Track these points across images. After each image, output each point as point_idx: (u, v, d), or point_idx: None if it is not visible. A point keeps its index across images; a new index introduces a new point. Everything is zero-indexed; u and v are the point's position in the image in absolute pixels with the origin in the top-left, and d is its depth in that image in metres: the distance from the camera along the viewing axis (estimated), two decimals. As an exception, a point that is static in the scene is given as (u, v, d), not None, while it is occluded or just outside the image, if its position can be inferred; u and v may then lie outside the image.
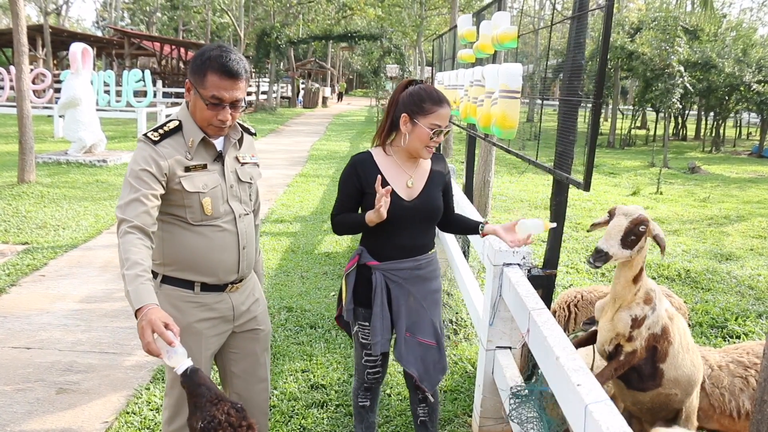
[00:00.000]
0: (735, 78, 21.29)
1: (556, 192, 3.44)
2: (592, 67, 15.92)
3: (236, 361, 2.66)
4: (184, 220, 2.37)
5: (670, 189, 13.34)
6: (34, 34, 27.87)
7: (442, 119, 2.68)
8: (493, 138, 5.36)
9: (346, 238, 7.86)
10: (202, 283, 2.43)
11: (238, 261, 2.48)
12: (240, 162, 2.51)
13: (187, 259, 2.39)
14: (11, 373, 4.16)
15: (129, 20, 55.85)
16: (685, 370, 2.73)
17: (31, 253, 6.64)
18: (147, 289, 2.03)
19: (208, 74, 2.25)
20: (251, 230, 2.58)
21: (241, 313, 2.58)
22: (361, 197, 2.79)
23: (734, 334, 5.26)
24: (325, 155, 16.49)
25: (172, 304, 2.40)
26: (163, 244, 2.38)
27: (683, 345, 2.75)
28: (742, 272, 7.00)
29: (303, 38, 32.78)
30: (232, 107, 2.31)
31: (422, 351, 2.86)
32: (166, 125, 2.36)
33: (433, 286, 2.92)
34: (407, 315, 2.83)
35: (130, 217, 2.15)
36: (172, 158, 2.29)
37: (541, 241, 7.74)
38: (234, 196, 2.46)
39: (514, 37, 4.56)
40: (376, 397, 3.15)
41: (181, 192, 2.31)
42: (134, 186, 2.21)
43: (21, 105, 10.31)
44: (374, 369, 2.97)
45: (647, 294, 2.67)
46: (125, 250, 2.09)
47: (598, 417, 1.83)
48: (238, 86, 2.29)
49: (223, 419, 1.77)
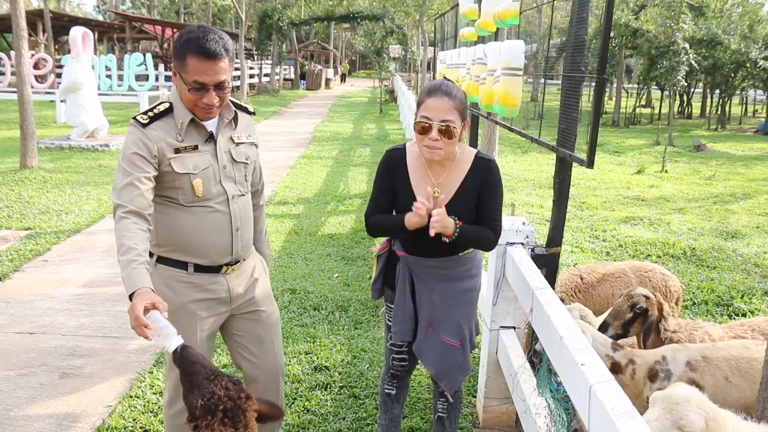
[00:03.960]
0: (741, 55, 21.07)
1: (560, 170, 3.39)
2: (595, 45, 15.78)
3: (242, 344, 2.64)
4: (176, 202, 2.36)
5: (675, 167, 13.25)
6: (35, 19, 27.72)
7: (430, 110, 2.44)
8: (495, 117, 5.30)
9: (351, 220, 7.84)
10: (196, 264, 2.42)
11: (232, 243, 2.45)
12: (234, 142, 2.47)
13: (180, 240, 2.38)
14: (15, 358, 4.16)
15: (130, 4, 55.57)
16: (736, 398, 2.68)
17: (34, 239, 6.64)
18: (139, 273, 2.06)
19: (188, 58, 2.21)
20: (247, 212, 2.54)
21: (238, 294, 2.55)
22: (394, 193, 2.65)
23: (740, 312, 5.22)
24: (329, 137, 16.42)
25: (166, 285, 2.40)
26: (157, 225, 2.37)
27: (723, 381, 2.71)
28: (747, 250, 6.95)
29: (305, 19, 32.51)
30: (217, 89, 2.27)
31: (444, 350, 2.71)
32: (156, 108, 2.35)
33: (464, 286, 2.72)
34: (429, 311, 2.70)
35: (125, 202, 2.16)
36: (161, 140, 2.29)
37: (545, 220, 7.70)
38: (227, 176, 2.43)
39: (516, 13, 4.49)
40: (404, 389, 3.02)
41: (171, 173, 2.30)
42: (127, 170, 2.22)
43: (21, 90, 10.26)
44: (400, 355, 2.88)
45: (650, 371, 2.73)
46: (120, 236, 2.12)
47: (602, 397, 1.81)
48: (219, 68, 2.23)
49: (222, 394, 1.77)
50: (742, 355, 2.75)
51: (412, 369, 2.99)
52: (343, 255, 6.46)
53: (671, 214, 8.76)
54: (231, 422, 1.75)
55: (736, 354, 2.75)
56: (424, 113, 2.45)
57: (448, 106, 2.44)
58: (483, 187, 2.58)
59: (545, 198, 9.37)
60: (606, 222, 8.12)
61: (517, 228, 3.24)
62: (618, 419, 1.69)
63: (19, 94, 10.31)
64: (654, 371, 2.75)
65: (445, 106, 2.44)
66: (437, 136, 2.44)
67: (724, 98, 24.94)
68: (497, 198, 2.61)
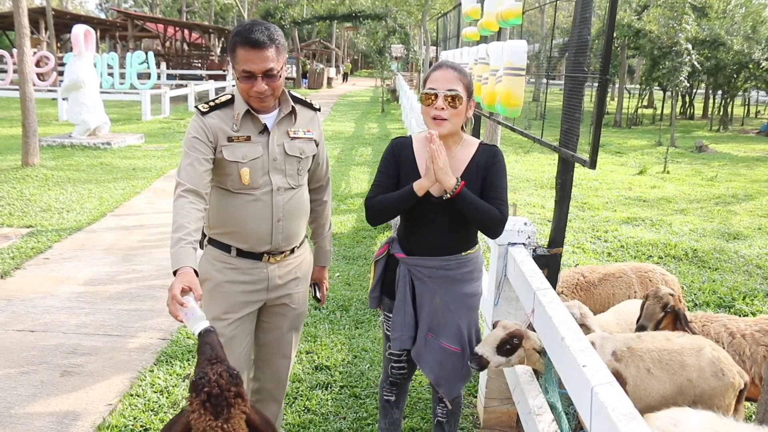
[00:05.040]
0: (744, 56, 21.06)
1: (562, 170, 3.38)
2: (598, 45, 15.75)
3: (263, 331, 2.74)
4: (226, 187, 2.49)
5: (677, 168, 13.24)
6: (37, 17, 27.74)
7: (435, 81, 2.50)
8: (497, 116, 5.30)
9: (352, 219, 7.83)
10: (238, 249, 2.53)
11: (271, 232, 2.52)
12: (290, 136, 2.55)
13: (225, 223, 2.52)
14: (15, 356, 4.16)
15: (132, 2, 55.61)
16: (657, 390, 2.69)
17: (35, 236, 6.64)
18: (186, 252, 2.16)
19: (237, 49, 2.34)
20: (294, 205, 2.58)
21: (276, 286, 2.62)
22: (398, 179, 2.64)
23: (742, 314, 5.21)
24: (330, 136, 16.41)
25: (211, 263, 2.56)
26: (210, 207, 2.50)
27: (645, 372, 2.71)
28: (749, 251, 6.94)
29: (307, 18, 32.55)
30: (266, 78, 2.36)
31: (443, 355, 2.66)
32: (218, 98, 2.49)
33: (467, 290, 2.69)
34: (430, 315, 2.66)
35: (183, 180, 2.32)
36: (217, 128, 2.43)
37: (547, 221, 7.70)
38: (276, 168, 2.51)
39: (519, 13, 4.48)
40: (403, 394, 3.01)
41: (223, 160, 2.44)
42: (187, 152, 2.38)
43: (23, 88, 10.27)
44: (399, 364, 2.86)
45: None
46: (175, 213, 2.26)
47: (604, 398, 1.80)
48: (265, 56, 2.33)
49: (213, 378, 1.79)
50: (664, 347, 2.75)
51: (411, 375, 2.97)
52: (344, 254, 6.46)
53: (673, 215, 8.75)
54: (212, 408, 1.76)
55: (658, 346, 2.76)
56: (430, 85, 2.52)
57: (453, 77, 2.51)
58: (488, 170, 2.59)
59: (547, 198, 9.36)
60: (607, 222, 8.11)
61: (519, 228, 3.24)
62: (620, 421, 1.69)
63: (21, 91, 10.32)
64: None
65: (450, 77, 2.51)
66: (443, 105, 2.49)
67: (726, 99, 24.92)
68: (502, 180, 2.61)
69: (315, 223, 2.90)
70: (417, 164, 2.62)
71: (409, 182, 2.55)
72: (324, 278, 3.00)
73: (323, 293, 3.01)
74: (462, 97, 2.49)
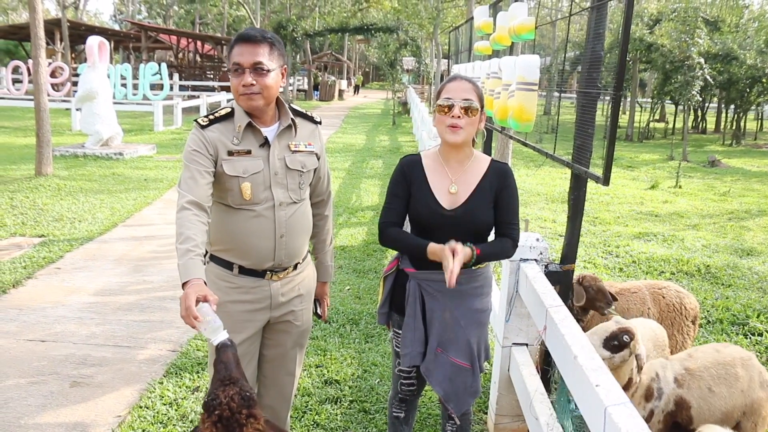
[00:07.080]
0: (757, 70, 20.97)
1: (575, 186, 3.36)
2: (610, 59, 15.73)
3: (267, 348, 2.70)
4: (226, 203, 2.46)
5: (689, 183, 13.16)
6: (53, 28, 28.05)
7: (451, 91, 2.53)
8: (509, 131, 5.29)
9: (363, 232, 7.82)
10: (240, 266, 2.49)
11: (274, 248, 2.49)
12: (291, 149, 2.52)
13: (227, 240, 2.48)
14: (26, 366, 4.17)
15: (146, 14, 56.12)
16: (719, 408, 2.65)
17: (47, 246, 6.67)
18: (195, 264, 2.13)
19: (233, 48, 2.37)
20: (297, 220, 2.55)
21: (279, 303, 2.58)
22: (409, 199, 2.64)
23: (756, 332, 5.15)
24: (341, 148, 16.45)
25: (213, 282, 2.49)
26: (211, 223, 2.46)
27: (707, 392, 2.68)
28: (763, 268, 6.87)
29: (319, 31, 32.65)
30: (255, 72, 2.34)
31: (453, 371, 2.64)
32: (218, 111, 2.47)
33: (477, 305, 2.67)
34: (440, 330, 2.64)
35: (186, 192, 2.30)
36: (217, 141, 2.40)
37: (558, 235, 7.66)
38: (278, 183, 2.48)
39: (532, 28, 4.48)
40: (413, 410, 2.99)
41: (223, 175, 2.40)
42: (188, 165, 2.36)
43: (38, 98, 10.37)
44: (408, 380, 2.83)
45: (647, 390, 2.69)
46: (180, 225, 2.24)
47: (617, 419, 1.78)
48: (256, 50, 2.34)
49: (224, 401, 1.78)
50: (717, 360, 2.72)
51: (420, 392, 2.95)
52: (355, 267, 6.45)
53: (685, 231, 8.69)
54: (224, 429, 1.76)
55: (711, 360, 2.73)
56: (446, 95, 2.54)
57: (468, 88, 2.54)
58: (500, 191, 2.61)
59: (558, 212, 9.32)
60: (619, 237, 8.06)
61: (531, 244, 3.22)
62: (634, 443, 1.67)
63: (35, 102, 10.42)
64: (650, 390, 2.73)
65: (466, 87, 2.54)
66: (459, 113, 2.50)
67: (739, 113, 24.80)
68: (514, 202, 2.64)
69: (316, 238, 2.85)
70: (428, 180, 2.61)
71: (421, 199, 2.57)
72: (326, 294, 2.97)
73: (324, 309, 2.98)
74: (476, 108, 2.53)
